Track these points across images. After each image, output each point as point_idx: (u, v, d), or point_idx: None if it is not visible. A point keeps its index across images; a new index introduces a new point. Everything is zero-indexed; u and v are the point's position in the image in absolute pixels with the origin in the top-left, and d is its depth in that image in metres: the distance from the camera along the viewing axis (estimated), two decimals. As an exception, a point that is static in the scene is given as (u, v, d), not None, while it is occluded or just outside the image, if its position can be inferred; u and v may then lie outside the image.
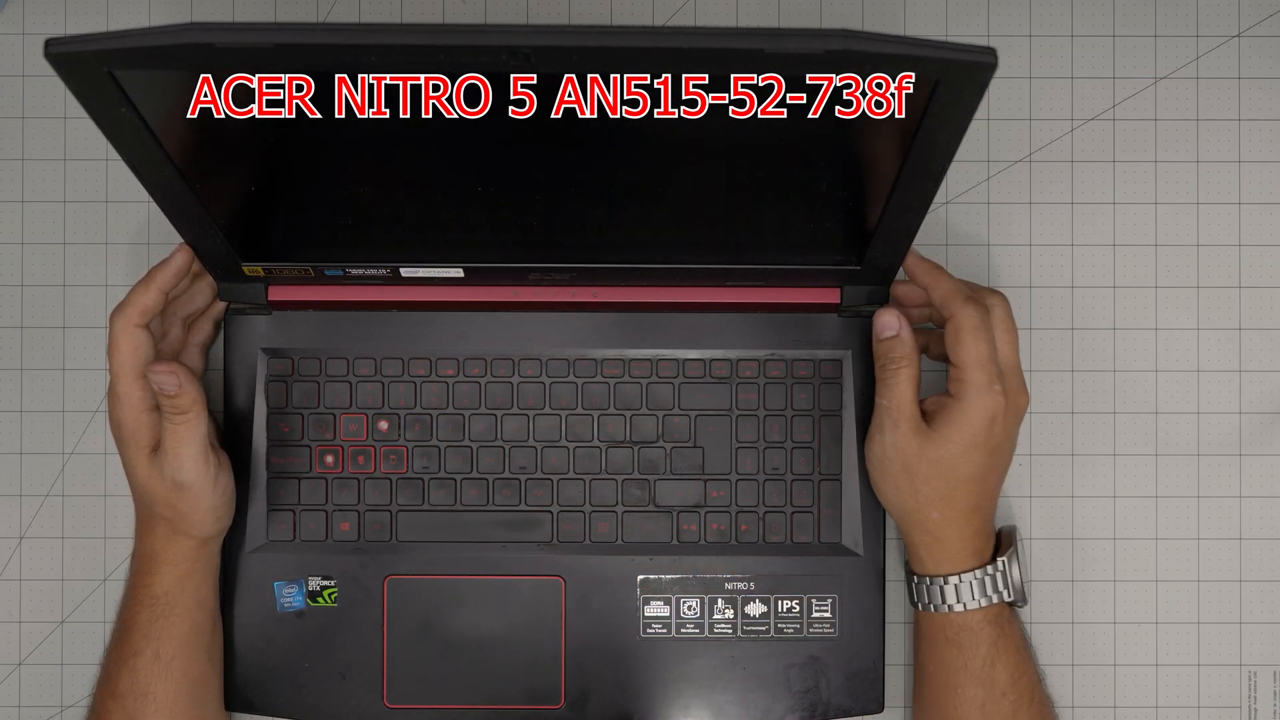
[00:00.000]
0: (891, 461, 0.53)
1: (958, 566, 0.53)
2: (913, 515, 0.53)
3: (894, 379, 0.53)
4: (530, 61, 0.39)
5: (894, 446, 0.52)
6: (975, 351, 0.51)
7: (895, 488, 0.53)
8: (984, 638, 0.53)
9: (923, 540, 0.54)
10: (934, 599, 0.54)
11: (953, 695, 0.53)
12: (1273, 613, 0.60)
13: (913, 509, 0.53)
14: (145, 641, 0.53)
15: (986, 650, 0.53)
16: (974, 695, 0.53)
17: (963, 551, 0.53)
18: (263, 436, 0.58)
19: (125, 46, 0.39)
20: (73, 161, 0.61)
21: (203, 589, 0.54)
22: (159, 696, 0.53)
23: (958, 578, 0.53)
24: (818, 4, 0.60)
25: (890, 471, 0.53)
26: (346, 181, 0.49)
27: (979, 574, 0.53)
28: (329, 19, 0.61)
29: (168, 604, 0.53)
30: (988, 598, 0.53)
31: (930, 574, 0.54)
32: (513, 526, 0.58)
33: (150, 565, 0.54)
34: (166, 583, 0.53)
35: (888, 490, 0.54)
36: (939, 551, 0.53)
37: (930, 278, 0.54)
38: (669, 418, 0.58)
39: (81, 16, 0.61)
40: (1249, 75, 0.60)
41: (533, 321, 0.58)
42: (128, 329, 0.51)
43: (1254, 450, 0.60)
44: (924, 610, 0.54)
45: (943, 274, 0.54)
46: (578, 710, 0.57)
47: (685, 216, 0.52)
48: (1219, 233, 0.60)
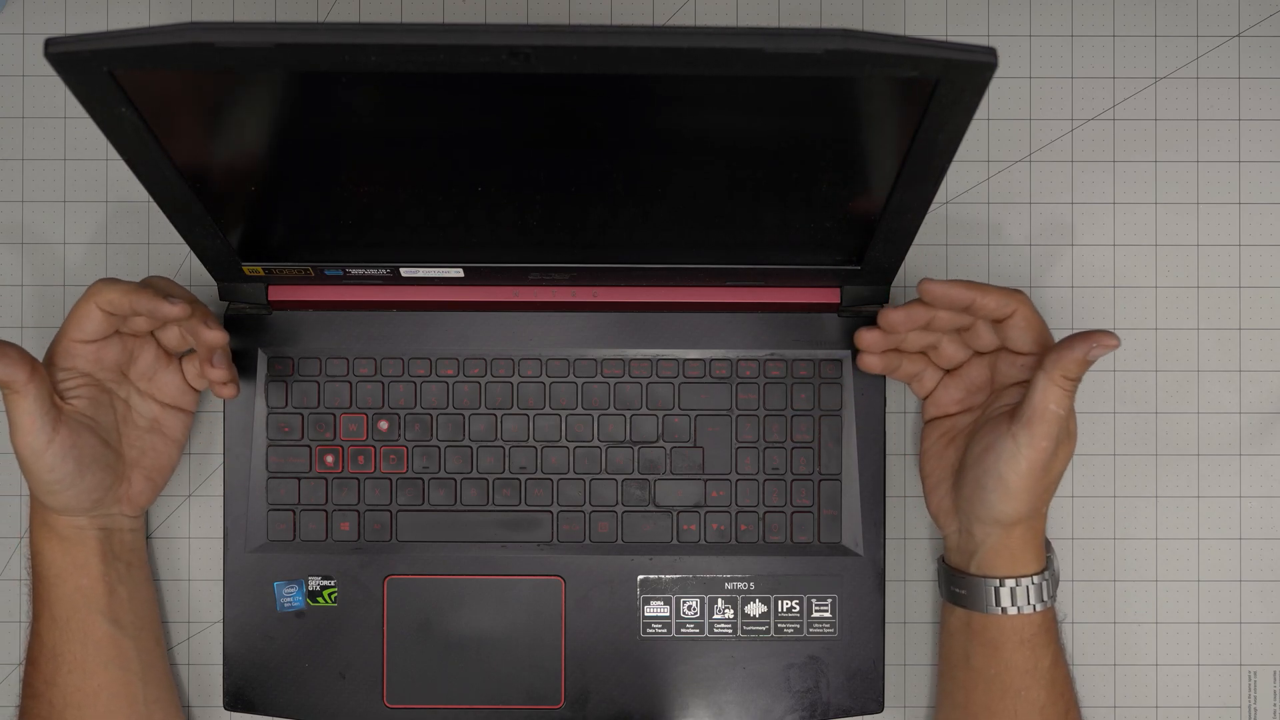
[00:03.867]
0: (1035, 469, 0.50)
1: (1034, 568, 0.53)
2: (1016, 521, 0.52)
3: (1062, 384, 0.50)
4: (530, 61, 0.39)
5: (1055, 457, 0.50)
6: (1049, 338, 0.52)
7: (1017, 497, 0.51)
8: (1052, 637, 0.53)
9: (1011, 544, 0.53)
10: (1017, 601, 0.52)
11: (1015, 698, 0.53)
12: (1273, 613, 0.60)
13: (1025, 514, 0.52)
14: (42, 605, 0.54)
15: (1055, 651, 0.53)
16: (1037, 697, 0.53)
17: (1041, 548, 0.54)
18: (263, 436, 0.58)
19: (125, 46, 0.39)
20: (73, 161, 0.61)
21: (78, 554, 0.54)
22: (67, 657, 0.54)
23: (1030, 580, 0.53)
24: (818, 4, 0.60)
25: (1018, 481, 0.51)
26: (346, 181, 0.49)
27: (1045, 574, 0.53)
28: (329, 19, 0.61)
29: (46, 568, 0.54)
30: (1049, 597, 0.53)
31: (1013, 575, 0.53)
32: (513, 526, 0.58)
33: (31, 534, 0.54)
34: (39, 548, 0.54)
35: (995, 500, 0.51)
36: (1026, 553, 0.53)
37: (974, 290, 0.51)
38: (669, 418, 0.58)
39: (81, 16, 0.61)
40: (1249, 75, 0.60)
41: (533, 321, 0.58)
42: (89, 304, 0.52)
43: (1254, 450, 0.60)
44: (995, 614, 0.53)
45: (979, 284, 0.52)
46: (578, 710, 0.57)
47: (685, 216, 0.52)
48: (1219, 233, 0.60)
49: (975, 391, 0.55)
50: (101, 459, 0.53)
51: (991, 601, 0.53)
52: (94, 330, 0.52)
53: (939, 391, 0.56)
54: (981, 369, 0.55)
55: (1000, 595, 0.53)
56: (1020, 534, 0.53)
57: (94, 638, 0.54)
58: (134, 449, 0.55)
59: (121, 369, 0.54)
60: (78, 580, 0.54)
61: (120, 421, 0.55)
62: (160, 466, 0.56)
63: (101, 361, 0.53)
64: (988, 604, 0.53)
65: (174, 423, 0.56)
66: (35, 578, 0.54)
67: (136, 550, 0.57)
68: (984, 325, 0.54)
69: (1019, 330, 0.52)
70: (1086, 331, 0.49)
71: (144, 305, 0.51)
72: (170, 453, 0.57)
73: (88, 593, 0.54)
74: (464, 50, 0.39)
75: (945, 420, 0.56)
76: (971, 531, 0.54)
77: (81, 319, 0.52)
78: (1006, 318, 0.52)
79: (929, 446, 0.56)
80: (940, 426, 0.56)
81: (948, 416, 0.56)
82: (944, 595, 0.56)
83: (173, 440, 0.56)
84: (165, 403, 0.56)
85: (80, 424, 0.52)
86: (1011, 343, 0.53)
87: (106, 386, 0.54)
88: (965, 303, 0.52)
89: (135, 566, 0.57)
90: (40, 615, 0.54)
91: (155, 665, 0.57)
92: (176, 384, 0.56)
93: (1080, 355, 0.48)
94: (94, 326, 0.52)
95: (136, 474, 0.55)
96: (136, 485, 0.55)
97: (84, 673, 0.54)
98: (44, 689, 0.54)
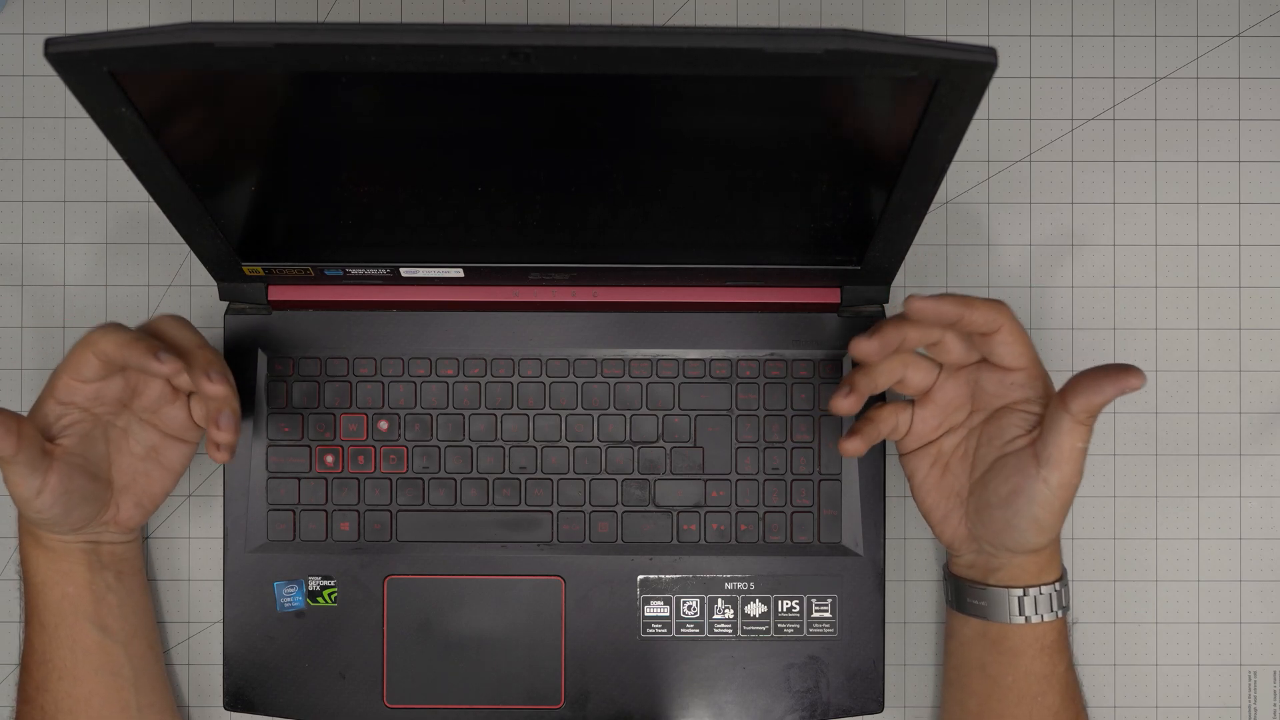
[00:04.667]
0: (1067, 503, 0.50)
1: (1055, 575, 0.53)
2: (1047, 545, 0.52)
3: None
4: (530, 61, 0.39)
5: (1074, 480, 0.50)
6: (1032, 351, 0.51)
7: (1051, 530, 0.51)
8: (1067, 642, 0.53)
9: (1040, 559, 0.52)
10: (1040, 609, 0.52)
11: (1032, 704, 0.52)
12: (1273, 613, 0.60)
13: (1055, 538, 0.52)
14: (32, 611, 0.54)
15: (1070, 656, 0.53)
16: (1053, 702, 0.53)
17: (1059, 558, 0.54)
18: (263, 436, 0.58)
19: (125, 46, 0.39)
20: (73, 161, 0.61)
21: (63, 564, 0.53)
22: (56, 664, 0.54)
23: (1052, 587, 0.53)
24: (818, 4, 0.60)
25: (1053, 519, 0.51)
26: (346, 181, 0.49)
27: (1063, 580, 0.53)
28: (329, 19, 0.61)
29: (33, 575, 0.54)
30: (1066, 603, 0.53)
31: (1037, 584, 0.52)
32: (513, 526, 0.58)
33: (19, 541, 0.54)
34: (26, 555, 0.54)
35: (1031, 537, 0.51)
36: (1053, 560, 0.53)
37: (962, 304, 0.49)
38: (669, 418, 0.58)
39: (81, 16, 0.61)
40: (1249, 75, 0.60)
41: (533, 321, 0.58)
42: (86, 352, 0.50)
43: (1254, 450, 0.60)
44: (1017, 623, 0.52)
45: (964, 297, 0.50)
46: (578, 710, 0.57)
47: (685, 216, 0.52)
48: (1219, 233, 0.60)
49: (953, 410, 0.53)
50: (90, 495, 0.52)
51: (1015, 611, 0.52)
52: (92, 374, 0.50)
53: (919, 419, 0.53)
54: (955, 386, 0.52)
55: (1024, 605, 0.52)
56: (1049, 551, 0.53)
57: (82, 645, 0.54)
58: (125, 475, 0.54)
59: (123, 402, 0.53)
60: (64, 588, 0.53)
61: (113, 450, 0.53)
62: (152, 494, 0.55)
63: (101, 398, 0.52)
64: (1010, 614, 0.52)
65: (174, 454, 0.55)
66: (24, 583, 0.54)
67: (127, 559, 0.56)
68: (952, 338, 0.51)
69: (1005, 345, 0.50)
70: (1111, 371, 0.47)
71: (135, 361, 0.49)
72: (164, 481, 0.55)
73: (74, 600, 0.54)
74: (464, 50, 0.39)
75: (929, 448, 0.54)
76: (995, 555, 0.53)
77: (79, 364, 0.50)
78: (992, 333, 0.50)
79: (922, 480, 0.54)
80: (926, 455, 0.54)
81: (930, 444, 0.54)
82: (954, 606, 0.55)
83: (169, 470, 0.55)
84: (168, 434, 0.54)
85: (71, 465, 0.51)
86: (997, 357, 0.50)
87: (102, 419, 0.53)
88: (953, 319, 0.49)
89: (126, 575, 0.56)
90: (30, 621, 0.54)
91: (148, 671, 0.56)
92: (182, 420, 0.54)
93: (1110, 395, 0.47)
94: (91, 372, 0.50)
95: (126, 500, 0.54)
96: (125, 511, 0.54)
97: (74, 679, 0.54)
98: (36, 694, 0.54)
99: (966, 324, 0.49)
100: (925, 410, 0.53)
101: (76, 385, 0.51)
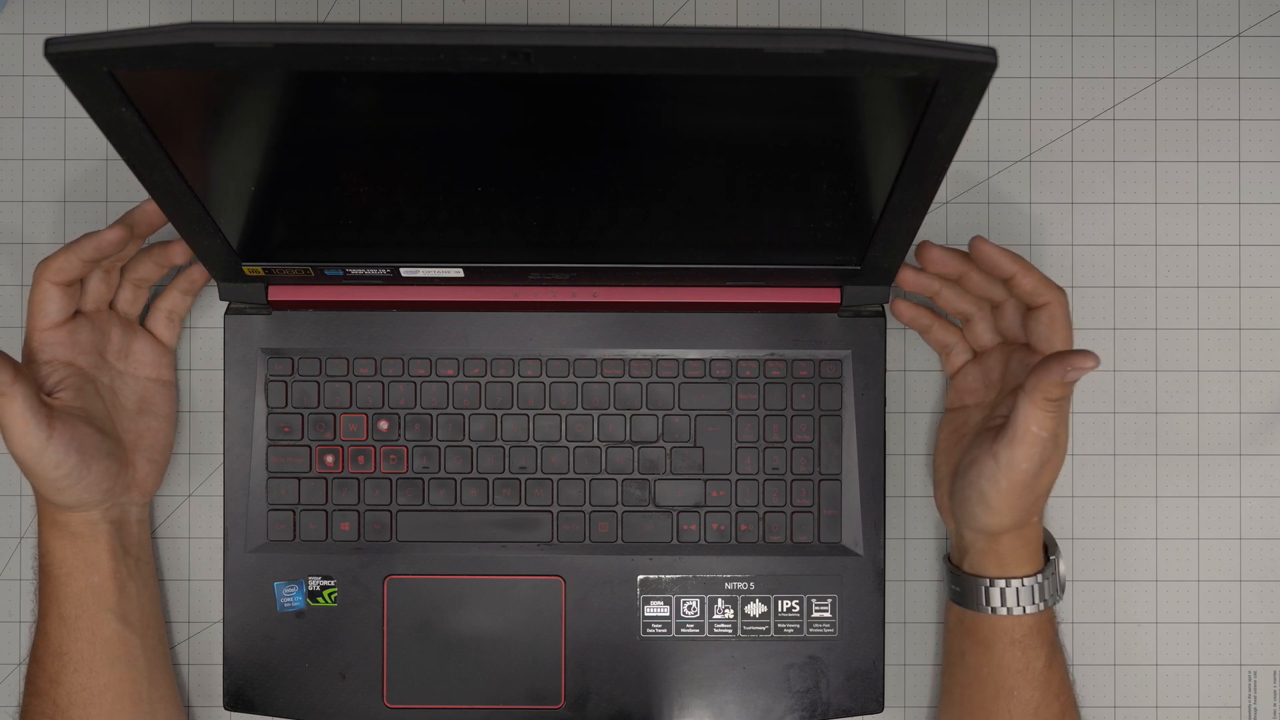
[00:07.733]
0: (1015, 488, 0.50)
1: (1029, 569, 0.53)
2: (1002, 531, 0.52)
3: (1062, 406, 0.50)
4: (530, 61, 0.39)
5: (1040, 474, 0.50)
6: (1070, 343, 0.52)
7: (999, 512, 0.51)
8: (1046, 639, 0.53)
9: (1000, 550, 0.53)
10: (1007, 602, 0.53)
11: (1009, 699, 0.53)
12: (1273, 613, 0.60)
13: (1010, 526, 0.52)
14: (50, 603, 0.54)
15: (1048, 652, 0.53)
16: (1030, 698, 0.53)
17: (1035, 553, 0.54)
18: (263, 436, 0.58)
19: (125, 46, 0.39)
20: (73, 161, 0.61)
21: (90, 550, 0.54)
22: (73, 655, 0.54)
23: (1025, 580, 0.53)
24: (818, 4, 0.60)
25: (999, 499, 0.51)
26: (346, 181, 0.49)
27: (1041, 576, 0.53)
28: (329, 19, 0.61)
29: (56, 567, 0.54)
30: (1046, 600, 0.53)
31: (1004, 576, 0.53)
32: (513, 526, 0.58)
33: (39, 532, 0.55)
34: (49, 546, 0.54)
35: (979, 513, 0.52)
36: (1016, 557, 0.53)
37: (1018, 263, 0.52)
38: (669, 418, 0.58)
39: (81, 16, 0.61)
40: (1249, 75, 0.60)
41: (533, 321, 0.58)
42: (41, 284, 0.53)
43: (1254, 450, 0.60)
44: (986, 613, 0.53)
45: (1023, 259, 0.53)
46: (578, 710, 0.57)
47: (685, 216, 0.52)
48: (1219, 233, 0.60)
49: (989, 386, 0.56)
50: (103, 447, 0.53)
51: (983, 601, 0.53)
52: (57, 310, 0.53)
53: (965, 373, 0.56)
54: (998, 363, 0.55)
55: (990, 595, 0.53)
56: (1009, 541, 0.53)
57: (102, 635, 0.54)
58: (130, 433, 0.56)
59: (99, 350, 0.55)
60: (88, 577, 0.54)
61: (111, 409, 0.55)
62: (159, 446, 0.57)
63: (78, 345, 0.54)
64: (979, 603, 0.53)
65: (159, 398, 0.57)
66: (43, 576, 0.55)
67: (144, 545, 0.57)
68: (1013, 308, 0.54)
69: (1045, 325, 0.52)
70: (1063, 352, 0.48)
71: (87, 249, 0.52)
72: (165, 430, 0.57)
73: (98, 590, 0.54)
74: (464, 50, 0.39)
75: (960, 413, 0.56)
76: (962, 534, 0.54)
77: (42, 302, 0.53)
78: (1039, 307, 0.52)
79: (942, 440, 0.57)
80: (955, 420, 0.57)
81: (963, 408, 0.56)
82: (947, 591, 0.56)
83: (163, 416, 0.57)
84: (146, 376, 0.57)
85: (74, 416, 0.52)
86: (1035, 337, 0.53)
87: (89, 374, 0.54)
88: (1008, 273, 0.52)
89: (143, 562, 0.57)
90: (47, 613, 0.54)
91: (160, 662, 0.57)
92: (151, 349, 0.57)
93: (1057, 378, 0.47)
94: (55, 306, 0.53)
95: (139, 458, 0.56)
96: (142, 469, 0.56)
97: (90, 671, 0.54)
98: (48, 687, 0.54)
99: (1017, 285, 0.53)
100: (974, 369, 0.56)
101: (49, 335, 0.53)
